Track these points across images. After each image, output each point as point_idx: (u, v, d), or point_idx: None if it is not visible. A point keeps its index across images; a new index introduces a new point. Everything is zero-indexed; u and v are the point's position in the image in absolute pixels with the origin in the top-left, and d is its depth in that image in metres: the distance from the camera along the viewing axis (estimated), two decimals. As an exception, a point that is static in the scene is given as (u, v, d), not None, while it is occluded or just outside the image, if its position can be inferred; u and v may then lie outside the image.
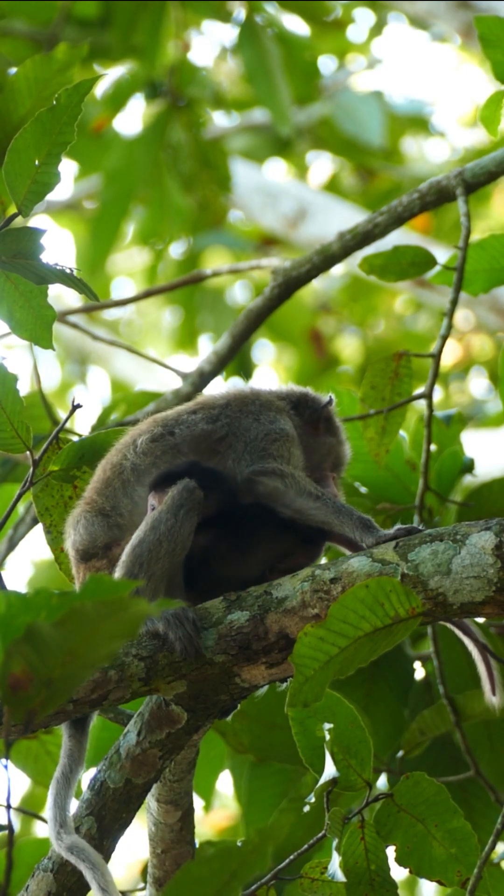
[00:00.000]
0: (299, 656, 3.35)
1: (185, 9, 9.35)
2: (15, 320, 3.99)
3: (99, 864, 3.60)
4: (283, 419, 3.93)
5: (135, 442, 3.88)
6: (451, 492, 5.05)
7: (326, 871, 3.75)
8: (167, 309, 12.53)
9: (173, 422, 3.90)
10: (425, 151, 12.44)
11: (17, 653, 2.58)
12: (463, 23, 9.18)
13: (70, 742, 3.79)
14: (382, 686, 4.99)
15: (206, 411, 3.91)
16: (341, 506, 3.74)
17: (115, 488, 3.84)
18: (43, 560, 9.83)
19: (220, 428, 3.88)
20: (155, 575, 3.66)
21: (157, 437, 3.87)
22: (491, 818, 4.83)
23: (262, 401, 3.96)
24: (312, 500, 3.75)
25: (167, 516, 3.68)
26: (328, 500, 3.75)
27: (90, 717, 3.81)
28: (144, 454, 3.85)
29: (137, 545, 3.68)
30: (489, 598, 3.56)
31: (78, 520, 3.84)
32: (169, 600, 2.70)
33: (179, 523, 3.68)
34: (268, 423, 3.89)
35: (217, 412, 3.91)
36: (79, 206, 11.69)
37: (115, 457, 3.89)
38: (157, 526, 3.68)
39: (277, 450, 3.84)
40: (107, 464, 3.90)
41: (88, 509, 3.84)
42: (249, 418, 3.90)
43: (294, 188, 10.85)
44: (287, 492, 3.76)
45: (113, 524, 3.82)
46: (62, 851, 3.64)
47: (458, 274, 4.73)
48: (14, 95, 4.11)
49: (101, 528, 3.81)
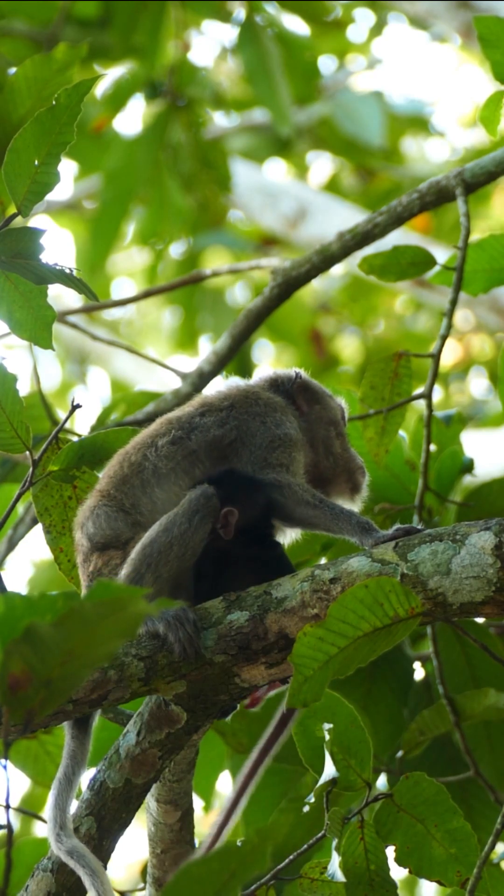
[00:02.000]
0: (299, 656, 3.35)
1: (185, 9, 9.35)
2: (15, 320, 3.99)
3: (98, 871, 3.60)
4: (288, 419, 3.95)
5: (155, 443, 3.87)
6: (450, 492, 5.05)
7: (326, 871, 3.75)
8: (167, 309, 12.53)
9: (188, 425, 3.90)
10: (425, 151, 12.45)
11: (16, 653, 2.58)
12: (463, 23, 9.18)
13: (73, 743, 3.78)
14: (382, 686, 4.99)
15: (215, 414, 3.92)
16: (340, 511, 3.75)
17: (134, 486, 3.84)
18: (43, 560, 9.82)
19: (230, 432, 3.89)
20: (161, 577, 3.66)
21: (176, 440, 3.87)
22: (491, 818, 4.83)
23: (264, 400, 3.97)
24: (311, 508, 3.77)
25: (182, 520, 3.68)
26: (326, 506, 3.76)
27: (92, 717, 3.81)
28: (166, 458, 3.85)
29: (148, 545, 3.68)
30: (489, 598, 3.56)
31: (97, 512, 3.82)
32: (169, 600, 2.70)
33: (193, 528, 3.68)
34: (273, 427, 3.90)
35: (224, 415, 3.91)
36: (79, 206, 11.69)
37: (133, 455, 3.88)
38: (170, 528, 3.68)
39: (277, 458, 3.85)
40: (124, 461, 3.89)
41: (107, 503, 3.83)
42: (256, 421, 3.92)
43: (294, 188, 10.86)
44: (286, 503, 3.78)
45: (133, 521, 3.81)
46: (61, 855, 3.64)
47: (457, 274, 4.73)
48: (14, 95, 4.11)
49: (124, 523, 3.81)
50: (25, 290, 3.96)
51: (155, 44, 9.07)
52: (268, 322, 7.47)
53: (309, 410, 4.06)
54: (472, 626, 4.90)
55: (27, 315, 3.98)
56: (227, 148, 10.01)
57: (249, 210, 10.81)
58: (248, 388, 4.02)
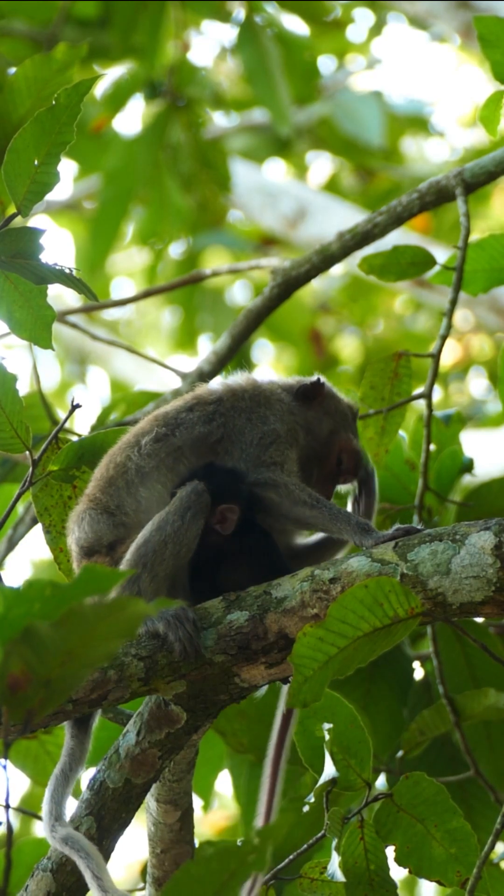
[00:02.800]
0: (298, 656, 3.35)
1: (185, 9, 9.35)
2: (14, 320, 3.99)
3: (93, 855, 3.60)
4: (273, 413, 3.92)
5: (139, 443, 3.87)
6: (450, 492, 5.05)
7: (326, 871, 3.75)
8: (167, 309, 12.53)
9: (173, 421, 3.89)
10: (425, 151, 12.45)
11: (15, 653, 2.58)
12: (462, 23, 9.18)
13: (72, 742, 3.79)
14: (382, 686, 4.99)
15: (202, 408, 3.91)
16: (338, 511, 3.74)
17: (119, 487, 3.84)
18: (42, 560, 9.83)
19: (216, 429, 3.88)
20: (158, 576, 3.66)
21: (160, 437, 3.87)
22: (490, 818, 4.83)
23: (249, 394, 3.94)
24: (308, 508, 3.76)
25: (174, 518, 3.68)
26: (324, 506, 3.75)
27: (93, 717, 3.81)
28: (149, 456, 3.85)
29: (143, 544, 3.68)
30: (488, 597, 3.56)
31: (82, 517, 3.84)
32: (168, 600, 2.70)
33: (186, 525, 3.68)
34: (260, 424, 3.89)
35: (211, 409, 3.90)
36: (78, 206, 11.69)
37: (118, 456, 3.88)
38: (163, 527, 3.68)
39: (271, 456, 3.84)
40: (110, 462, 3.89)
41: (93, 507, 3.84)
42: (242, 417, 3.90)
43: (294, 188, 10.86)
44: (282, 502, 3.77)
45: (118, 523, 3.82)
46: (56, 843, 3.64)
47: (457, 274, 4.73)
48: (13, 95, 4.11)
49: (106, 526, 3.81)
50: (25, 290, 3.96)
51: (154, 44, 9.07)
52: (268, 322, 7.47)
53: (316, 408, 4.02)
54: (472, 626, 4.90)
55: (27, 315, 3.98)
56: (226, 148, 10.01)
57: (249, 210, 10.82)
58: (238, 383, 3.99)
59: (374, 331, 12.65)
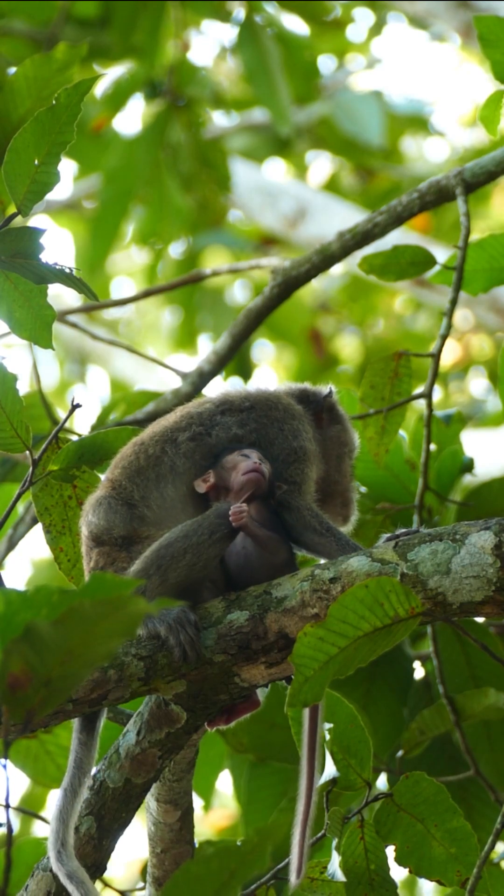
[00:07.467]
0: (299, 656, 3.35)
1: (185, 9, 9.36)
2: (14, 320, 3.99)
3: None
4: (305, 428, 3.94)
5: (175, 438, 3.87)
6: (450, 491, 5.06)
7: (326, 871, 3.75)
8: (167, 309, 12.53)
9: (209, 422, 3.89)
10: (425, 151, 12.45)
11: (15, 652, 2.58)
12: (463, 22, 9.18)
13: (80, 750, 3.71)
14: (382, 686, 5.00)
15: (235, 414, 3.91)
16: (346, 542, 3.75)
17: (149, 479, 3.82)
18: (42, 560, 9.83)
19: (250, 434, 3.89)
20: (167, 581, 3.65)
21: (196, 436, 3.87)
22: (490, 818, 4.83)
23: (283, 405, 3.96)
24: (318, 535, 3.77)
25: (203, 533, 3.68)
26: (333, 535, 3.76)
27: (99, 721, 3.77)
28: (185, 456, 3.84)
29: (165, 546, 3.66)
30: (489, 597, 3.56)
31: (100, 502, 3.82)
32: (168, 600, 2.69)
33: (209, 545, 3.67)
34: (291, 438, 3.90)
35: (244, 416, 3.91)
36: (78, 206, 11.69)
37: (151, 448, 3.86)
38: (189, 535, 3.67)
39: (291, 474, 3.85)
40: (140, 451, 3.87)
41: (115, 494, 3.82)
42: (275, 427, 3.91)
43: (293, 188, 10.86)
44: (294, 526, 3.79)
45: (137, 515, 3.80)
46: (60, 875, 3.58)
47: (457, 273, 4.73)
48: (13, 95, 4.11)
49: (122, 517, 3.80)
50: (25, 290, 3.96)
51: (154, 43, 9.07)
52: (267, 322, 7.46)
53: (329, 427, 4.05)
54: (472, 626, 4.90)
55: (27, 314, 3.98)
56: (226, 148, 10.01)
57: (249, 210, 10.82)
58: (269, 391, 4.01)
59: (373, 330, 12.65)
